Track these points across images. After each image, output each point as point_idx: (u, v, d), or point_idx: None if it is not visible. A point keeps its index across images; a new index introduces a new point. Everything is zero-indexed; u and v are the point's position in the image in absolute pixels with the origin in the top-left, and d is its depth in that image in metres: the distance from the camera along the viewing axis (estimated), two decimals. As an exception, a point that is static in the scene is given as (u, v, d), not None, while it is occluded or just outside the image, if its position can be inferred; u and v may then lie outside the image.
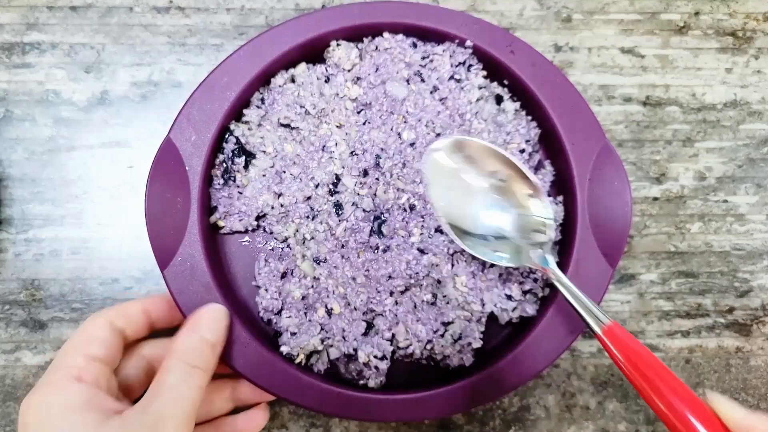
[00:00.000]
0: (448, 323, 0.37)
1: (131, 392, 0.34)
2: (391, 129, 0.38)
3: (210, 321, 0.32)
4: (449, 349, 0.36)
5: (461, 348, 0.37)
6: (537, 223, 0.35)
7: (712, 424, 0.28)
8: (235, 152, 0.38)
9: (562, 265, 0.37)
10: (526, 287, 0.37)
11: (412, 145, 0.38)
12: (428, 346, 0.37)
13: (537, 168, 0.40)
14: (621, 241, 0.36)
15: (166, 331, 0.35)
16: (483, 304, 0.37)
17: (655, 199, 0.44)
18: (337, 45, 0.39)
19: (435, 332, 0.37)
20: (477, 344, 0.37)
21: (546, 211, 0.35)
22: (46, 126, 0.43)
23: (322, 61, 0.40)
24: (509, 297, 0.37)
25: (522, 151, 0.39)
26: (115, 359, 0.32)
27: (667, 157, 0.45)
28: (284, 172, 0.38)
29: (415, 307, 0.37)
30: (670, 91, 0.45)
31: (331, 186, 0.38)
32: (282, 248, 0.38)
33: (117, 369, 0.33)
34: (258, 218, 0.38)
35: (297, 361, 0.36)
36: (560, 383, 0.42)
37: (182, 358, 0.30)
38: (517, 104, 0.40)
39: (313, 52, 0.39)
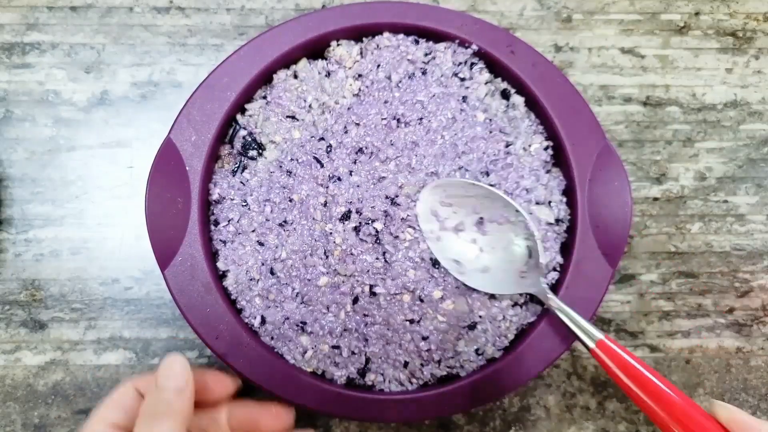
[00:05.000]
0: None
1: None
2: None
3: (166, 369, 0.32)
4: (462, 359, 0.36)
5: (477, 356, 0.37)
6: (521, 255, 0.36)
7: (710, 427, 0.28)
8: (247, 144, 0.37)
9: (563, 265, 0.37)
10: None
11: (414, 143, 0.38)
12: (441, 365, 0.36)
13: (557, 164, 0.39)
14: (621, 242, 0.36)
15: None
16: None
17: (656, 199, 0.44)
18: (338, 45, 0.39)
19: (448, 355, 0.36)
20: (496, 354, 0.36)
21: (531, 234, 0.35)
22: (46, 126, 0.43)
23: (323, 59, 0.40)
24: (516, 305, 0.37)
25: (546, 148, 0.38)
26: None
27: (668, 158, 0.45)
28: (293, 160, 0.37)
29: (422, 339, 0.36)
30: (671, 92, 0.45)
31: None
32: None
33: None
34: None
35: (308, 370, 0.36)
36: (560, 383, 0.42)
37: (145, 413, 0.30)
38: (523, 98, 0.39)
39: (314, 53, 0.39)
